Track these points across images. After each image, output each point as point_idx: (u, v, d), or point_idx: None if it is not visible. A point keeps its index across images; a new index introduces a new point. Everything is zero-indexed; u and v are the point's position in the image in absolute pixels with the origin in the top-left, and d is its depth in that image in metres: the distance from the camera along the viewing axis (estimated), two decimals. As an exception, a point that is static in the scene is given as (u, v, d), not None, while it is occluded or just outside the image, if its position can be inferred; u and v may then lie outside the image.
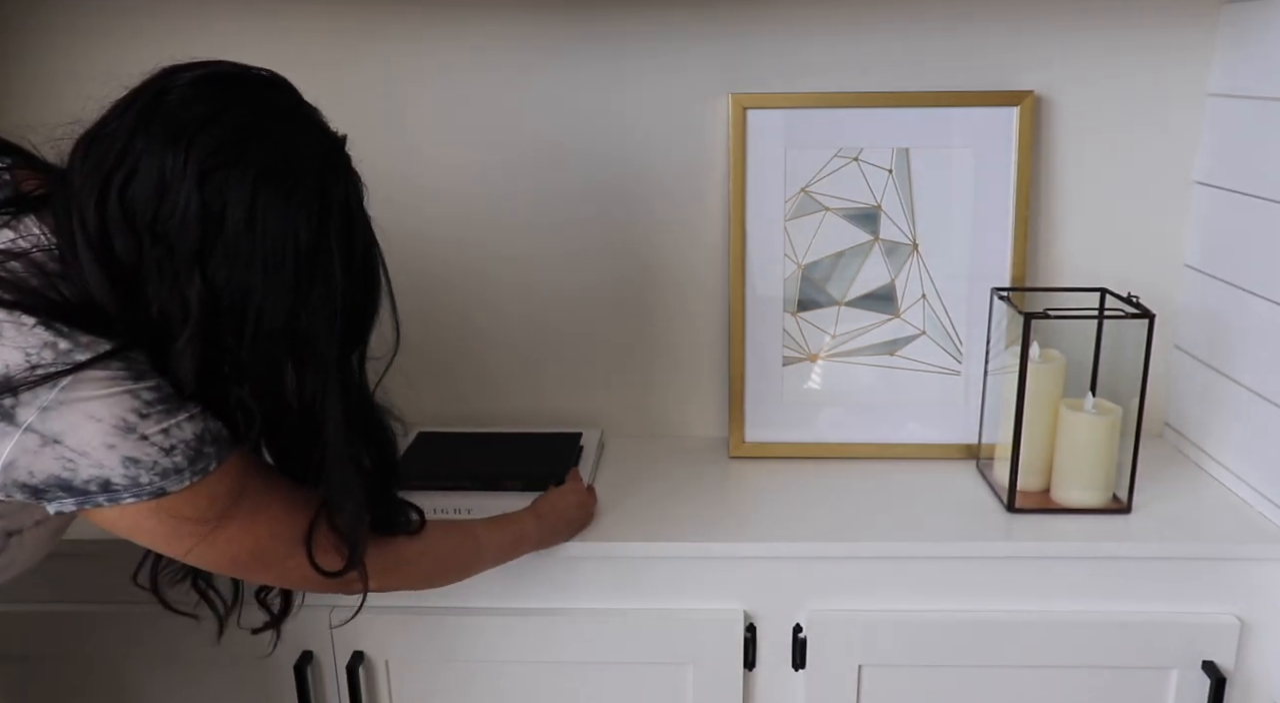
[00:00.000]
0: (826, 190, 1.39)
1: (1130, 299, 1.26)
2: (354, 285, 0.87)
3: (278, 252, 0.81)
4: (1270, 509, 1.22)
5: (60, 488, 0.78)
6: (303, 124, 0.86)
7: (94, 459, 0.77)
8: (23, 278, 0.77)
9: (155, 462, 0.79)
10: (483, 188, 1.44)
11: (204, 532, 0.84)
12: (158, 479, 0.80)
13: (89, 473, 0.77)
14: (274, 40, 1.38)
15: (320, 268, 0.83)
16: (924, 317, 1.42)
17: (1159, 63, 1.36)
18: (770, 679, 1.22)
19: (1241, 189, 1.29)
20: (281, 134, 0.83)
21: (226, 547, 0.87)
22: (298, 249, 0.81)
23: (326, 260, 0.83)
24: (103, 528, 0.83)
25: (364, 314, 0.91)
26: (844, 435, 1.44)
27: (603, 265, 1.46)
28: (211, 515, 0.84)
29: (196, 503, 0.83)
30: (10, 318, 0.75)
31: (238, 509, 0.86)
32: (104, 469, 0.78)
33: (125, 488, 0.79)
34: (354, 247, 0.87)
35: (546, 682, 1.23)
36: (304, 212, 0.82)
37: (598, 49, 1.38)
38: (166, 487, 0.80)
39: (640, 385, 1.51)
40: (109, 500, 0.79)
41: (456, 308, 1.48)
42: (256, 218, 0.79)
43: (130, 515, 0.81)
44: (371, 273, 0.91)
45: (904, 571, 1.19)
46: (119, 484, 0.79)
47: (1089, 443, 1.24)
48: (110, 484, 0.78)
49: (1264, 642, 1.19)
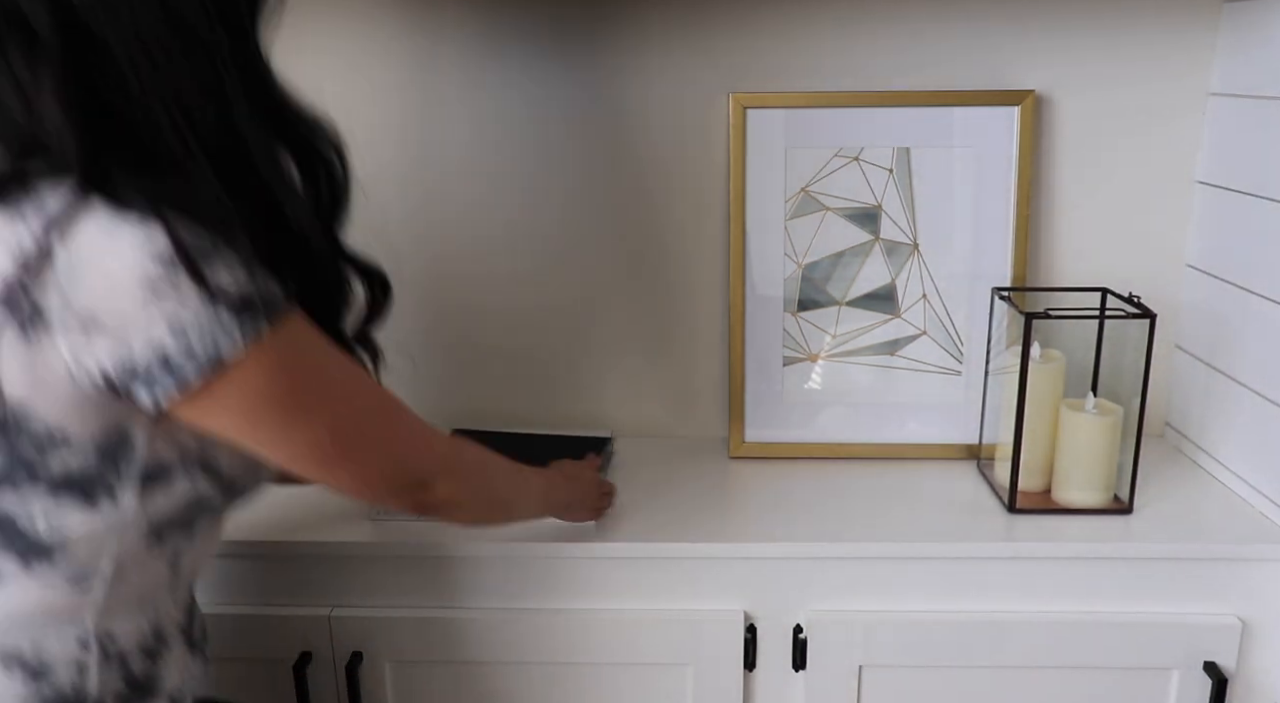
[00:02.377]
0: (827, 190, 1.39)
1: (1131, 299, 1.26)
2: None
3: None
4: (1272, 509, 1.22)
5: (133, 375, 0.70)
6: None
7: (144, 330, 0.69)
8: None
9: (197, 321, 0.69)
10: (482, 188, 1.43)
11: (298, 396, 0.76)
12: (210, 343, 0.70)
13: (141, 349, 0.70)
14: (288, 36, 1.38)
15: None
16: (924, 317, 1.42)
17: (1160, 62, 1.36)
18: (770, 680, 1.22)
19: (1243, 189, 1.29)
20: None
21: (340, 413, 0.79)
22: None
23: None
24: (229, 441, 0.77)
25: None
26: (844, 435, 1.44)
27: (602, 265, 1.46)
28: (289, 386, 0.76)
29: (266, 368, 0.73)
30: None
31: (320, 366, 0.78)
32: (154, 342, 0.69)
33: (184, 361, 0.70)
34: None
35: (546, 682, 1.23)
36: None
37: (598, 49, 1.38)
38: (221, 351, 0.71)
39: (640, 385, 1.51)
40: (178, 384, 0.70)
41: (456, 308, 1.48)
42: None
43: (210, 405, 0.72)
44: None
45: (904, 571, 1.19)
46: (177, 360, 0.70)
47: (1090, 443, 1.24)
48: (168, 358, 0.70)
49: (1266, 642, 1.19)
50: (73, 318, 0.69)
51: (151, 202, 0.69)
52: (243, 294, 0.71)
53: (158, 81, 0.71)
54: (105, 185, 0.69)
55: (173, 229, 0.69)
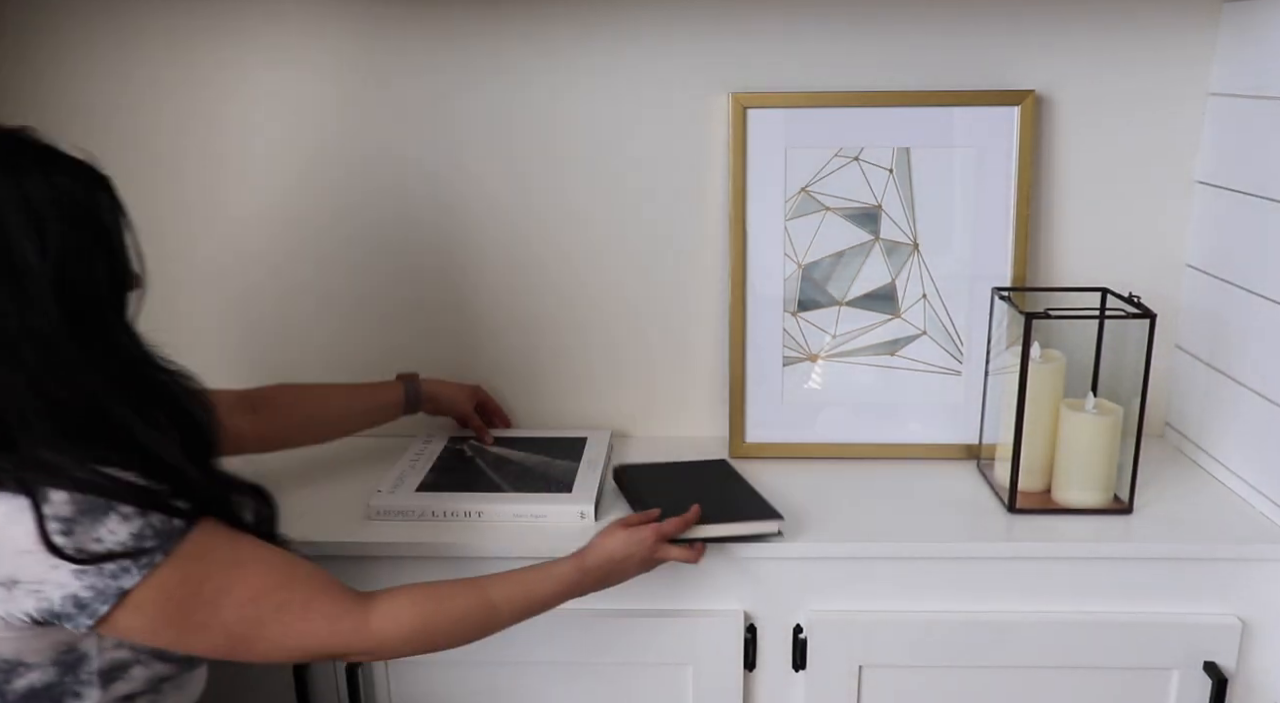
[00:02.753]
0: (827, 190, 1.39)
1: (1131, 299, 1.26)
2: (59, 263, 0.83)
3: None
4: (1272, 509, 1.22)
5: (54, 616, 0.83)
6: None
7: (55, 582, 0.81)
8: None
9: (100, 567, 0.82)
10: (481, 187, 1.43)
11: (192, 614, 0.87)
12: (111, 582, 0.83)
13: (57, 595, 0.82)
14: (278, 42, 1.38)
15: (17, 262, 0.82)
16: (924, 316, 1.42)
17: (1160, 62, 1.36)
18: (770, 680, 1.22)
19: (1243, 189, 1.29)
20: None
21: (230, 621, 0.88)
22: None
23: (18, 253, 0.82)
24: (136, 643, 0.89)
25: (93, 287, 0.87)
26: (844, 435, 1.44)
27: (603, 265, 1.46)
28: (188, 594, 0.86)
29: (165, 589, 0.85)
30: None
31: (215, 580, 0.87)
32: (65, 588, 0.82)
33: (93, 599, 0.82)
34: (44, 228, 0.83)
35: (547, 682, 1.23)
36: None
37: (598, 49, 1.38)
38: (123, 585, 0.83)
39: (641, 385, 1.51)
40: (90, 617, 0.83)
41: (455, 308, 1.48)
42: None
43: (120, 623, 0.85)
44: (81, 242, 0.86)
45: (904, 571, 1.19)
46: (86, 597, 0.82)
47: (1090, 443, 1.24)
48: (80, 600, 0.82)
49: (1266, 642, 1.19)
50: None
51: (30, 478, 0.81)
52: (135, 542, 0.83)
53: (18, 381, 0.82)
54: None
55: (40, 508, 0.80)
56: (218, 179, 1.43)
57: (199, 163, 1.43)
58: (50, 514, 0.80)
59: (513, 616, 1.02)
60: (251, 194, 1.44)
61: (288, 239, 1.45)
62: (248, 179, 1.43)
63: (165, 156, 1.42)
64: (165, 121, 1.41)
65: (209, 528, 0.88)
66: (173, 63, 1.39)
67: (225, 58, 1.39)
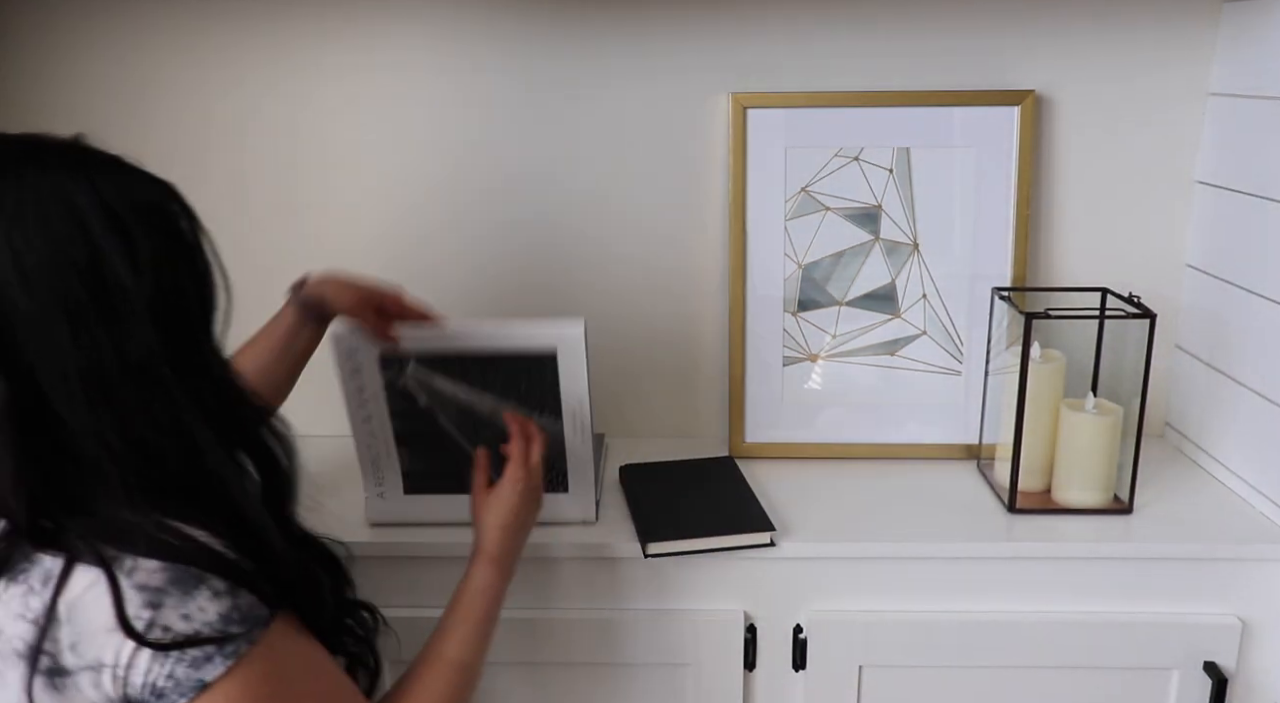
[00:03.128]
0: (827, 190, 1.39)
1: (1131, 299, 1.26)
2: (154, 279, 0.75)
3: (65, 292, 0.71)
4: (1272, 509, 1.22)
5: (136, 699, 0.73)
6: (17, 158, 0.74)
7: (136, 666, 0.72)
8: None
9: (183, 653, 0.73)
10: (482, 188, 1.43)
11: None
12: (192, 673, 0.73)
13: (139, 681, 0.73)
14: (271, 43, 1.38)
15: (110, 282, 0.73)
16: (924, 316, 1.42)
17: (1160, 62, 1.36)
18: (770, 680, 1.22)
19: (1242, 189, 1.29)
20: (3, 182, 0.72)
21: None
22: (79, 276, 0.72)
23: (111, 269, 0.73)
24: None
25: (185, 306, 0.78)
26: (844, 435, 1.44)
27: (603, 265, 1.46)
28: (267, 694, 0.76)
29: (248, 685, 0.75)
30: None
31: (296, 683, 0.79)
32: (148, 674, 0.72)
33: (172, 689, 0.73)
34: (131, 238, 0.74)
35: (547, 683, 1.22)
36: (64, 232, 0.72)
37: (598, 49, 1.38)
38: (204, 677, 0.73)
39: (641, 385, 1.51)
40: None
41: (455, 308, 1.48)
42: (28, 274, 0.71)
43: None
44: (170, 254, 0.77)
45: (904, 571, 1.19)
46: (164, 687, 0.73)
47: (1090, 443, 1.24)
48: (158, 689, 0.73)
49: (1266, 642, 1.19)
50: (82, 663, 0.73)
51: (110, 554, 0.73)
52: (223, 625, 0.74)
53: (106, 424, 0.73)
54: (59, 540, 0.73)
55: (118, 586, 0.72)
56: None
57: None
58: (136, 584, 0.72)
59: (480, 651, 0.99)
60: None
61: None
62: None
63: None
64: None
65: (287, 620, 0.79)
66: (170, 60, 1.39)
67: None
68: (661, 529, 1.18)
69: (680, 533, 1.17)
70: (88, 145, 0.78)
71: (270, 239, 1.45)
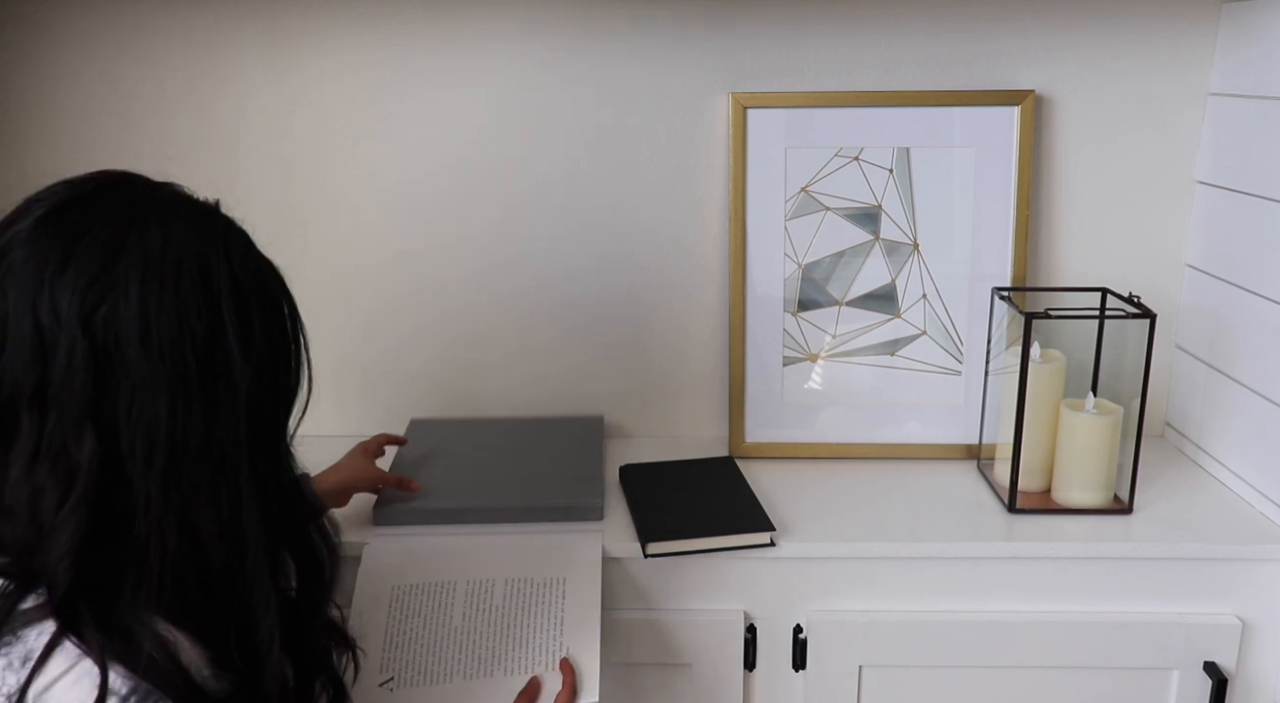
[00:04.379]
0: (827, 190, 1.39)
1: (1131, 299, 1.26)
2: (259, 367, 0.73)
3: (179, 360, 0.69)
4: (1272, 509, 1.22)
5: None
6: (162, 208, 0.73)
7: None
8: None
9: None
10: (482, 188, 1.43)
11: None
12: None
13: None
14: (270, 45, 1.38)
15: (219, 360, 0.71)
16: (924, 316, 1.42)
17: (1160, 62, 1.36)
18: (770, 680, 1.22)
19: (1242, 189, 1.29)
20: (146, 230, 0.71)
21: None
22: (195, 347, 0.70)
23: (224, 348, 0.71)
24: None
25: (276, 399, 0.76)
26: (844, 435, 1.44)
27: (603, 265, 1.46)
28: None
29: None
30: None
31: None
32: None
33: None
34: (250, 321, 0.73)
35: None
36: (193, 300, 0.70)
37: (598, 49, 1.38)
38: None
39: (641, 385, 1.50)
40: None
41: (455, 308, 1.48)
42: (151, 333, 0.68)
43: None
44: (279, 345, 0.76)
45: (904, 571, 1.19)
46: None
47: (1090, 443, 1.24)
48: None
49: (1265, 642, 1.19)
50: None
51: (107, 647, 0.69)
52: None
53: (171, 504, 0.70)
54: (76, 624, 0.69)
55: (105, 684, 0.68)
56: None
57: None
58: (111, 689, 0.67)
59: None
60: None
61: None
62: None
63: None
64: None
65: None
66: (169, 61, 1.39)
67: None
68: (661, 529, 1.18)
69: (680, 533, 1.17)
70: (226, 214, 0.76)
71: (271, 238, 1.45)
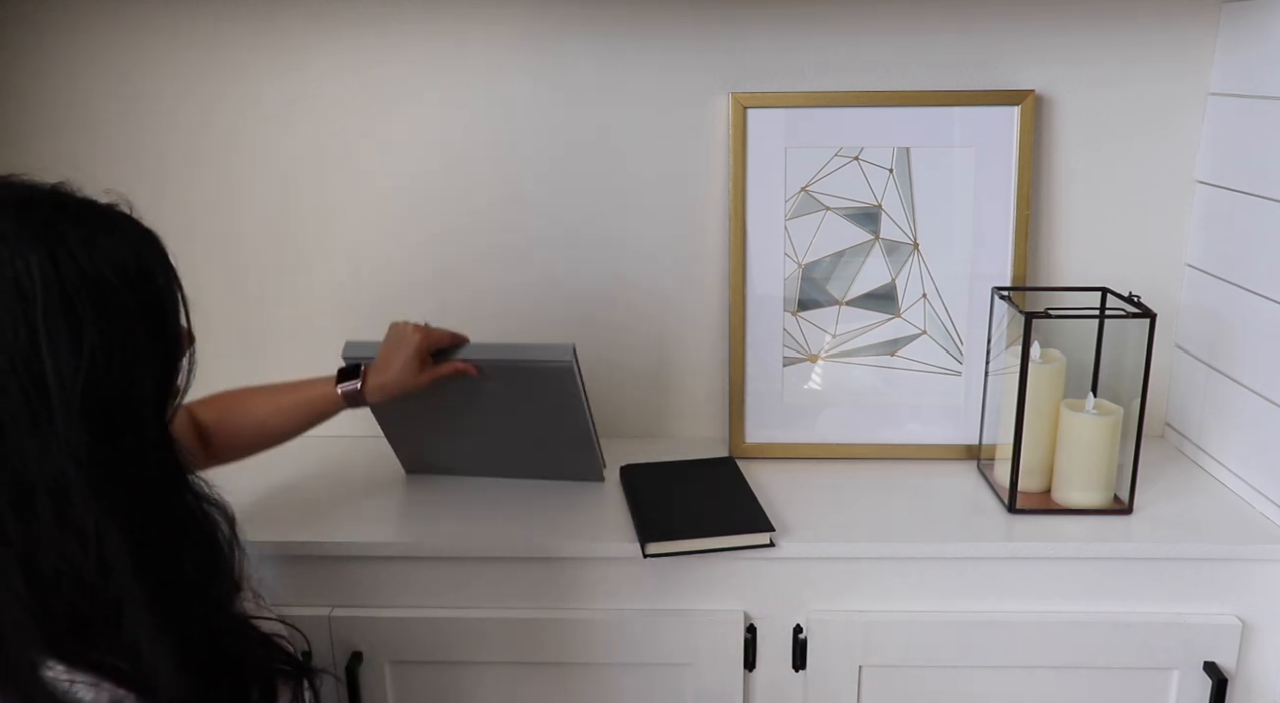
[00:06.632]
0: (827, 190, 1.39)
1: (1131, 299, 1.26)
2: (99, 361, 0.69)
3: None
4: (1272, 509, 1.22)
5: None
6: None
7: None
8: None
9: None
10: (482, 187, 1.43)
11: None
12: None
13: None
14: (271, 45, 1.38)
15: (39, 373, 0.67)
16: (924, 316, 1.42)
17: (1160, 62, 1.36)
18: (770, 680, 1.22)
19: (1242, 189, 1.29)
20: None
21: None
22: (18, 373, 0.67)
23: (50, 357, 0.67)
24: None
25: (130, 387, 0.72)
26: (844, 435, 1.44)
27: (603, 265, 1.46)
28: None
29: None
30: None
31: None
32: None
33: None
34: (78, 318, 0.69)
35: (547, 683, 1.22)
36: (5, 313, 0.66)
37: (598, 49, 1.38)
38: None
39: (641, 385, 1.51)
40: None
41: (455, 308, 1.48)
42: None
43: None
44: (126, 326, 0.71)
45: (904, 571, 1.19)
46: None
47: (1090, 443, 1.24)
48: None
49: (1266, 642, 1.19)
50: None
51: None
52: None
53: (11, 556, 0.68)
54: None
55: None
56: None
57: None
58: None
59: None
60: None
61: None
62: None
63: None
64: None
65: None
66: (169, 62, 1.39)
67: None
68: (661, 529, 1.18)
69: (680, 533, 1.18)
70: (65, 197, 0.72)
71: (269, 238, 1.45)
